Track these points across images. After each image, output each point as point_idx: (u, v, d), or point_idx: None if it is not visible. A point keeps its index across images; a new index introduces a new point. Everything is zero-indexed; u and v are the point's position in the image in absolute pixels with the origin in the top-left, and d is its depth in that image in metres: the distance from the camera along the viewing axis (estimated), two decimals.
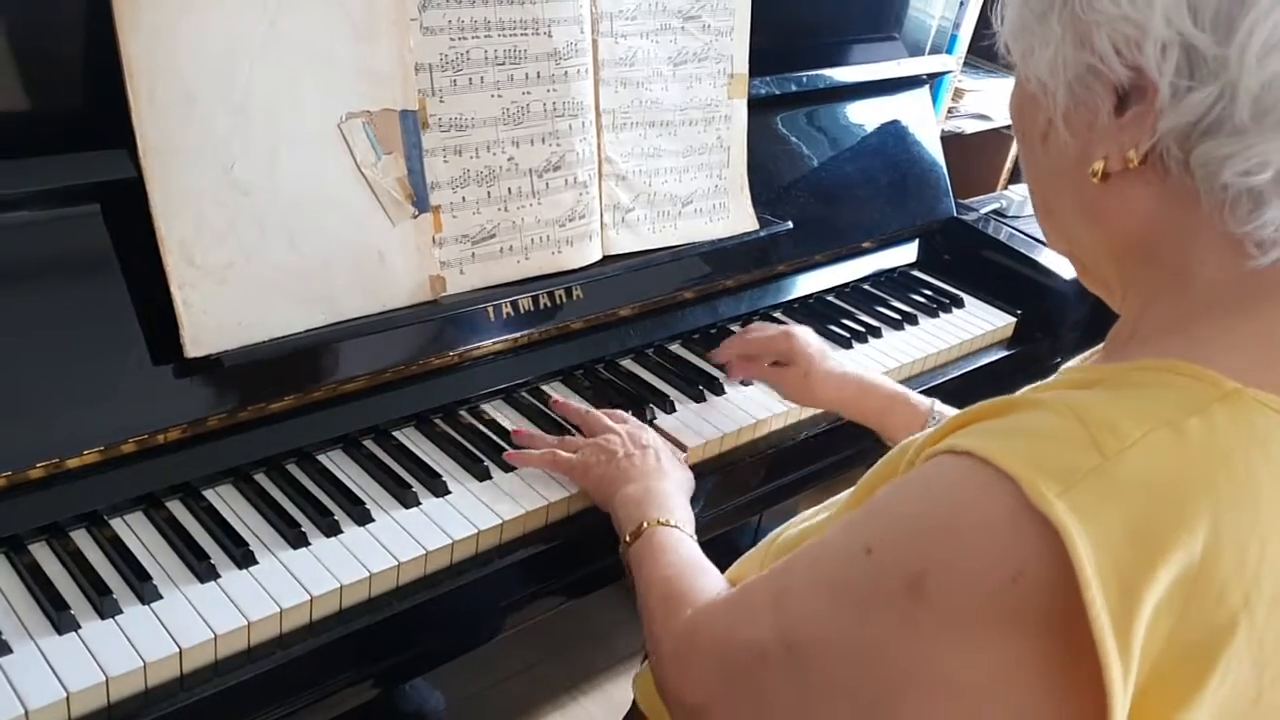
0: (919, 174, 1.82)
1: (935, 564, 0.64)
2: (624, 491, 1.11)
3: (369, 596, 1.03)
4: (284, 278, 1.10)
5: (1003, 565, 0.61)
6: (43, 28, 1.00)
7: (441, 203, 1.21)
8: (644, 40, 1.37)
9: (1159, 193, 0.70)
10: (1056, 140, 0.73)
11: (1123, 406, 0.64)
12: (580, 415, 1.26)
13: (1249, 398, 0.64)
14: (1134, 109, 0.68)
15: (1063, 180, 0.75)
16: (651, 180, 1.41)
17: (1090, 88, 0.69)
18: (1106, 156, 0.70)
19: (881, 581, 0.67)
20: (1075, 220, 0.76)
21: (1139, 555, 0.59)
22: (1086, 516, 0.59)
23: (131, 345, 1.03)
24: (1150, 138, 0.67)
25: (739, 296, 1.56)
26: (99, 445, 1.01)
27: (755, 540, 1.02)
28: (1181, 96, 0.64)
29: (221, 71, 1.04)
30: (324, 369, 1.15)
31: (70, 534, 1.00)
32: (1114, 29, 0.66)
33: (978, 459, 0.63)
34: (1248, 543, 0.61)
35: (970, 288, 1.77)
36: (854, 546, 0.70)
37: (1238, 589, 0.61)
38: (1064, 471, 0.60)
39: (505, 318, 1.29)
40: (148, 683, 0.90)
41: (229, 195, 1.06)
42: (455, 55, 1.19)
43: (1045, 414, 0.65)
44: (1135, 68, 0.66)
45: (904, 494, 0.71)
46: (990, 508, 0.62)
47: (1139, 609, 0.59)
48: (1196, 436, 0.62)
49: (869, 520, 0.72)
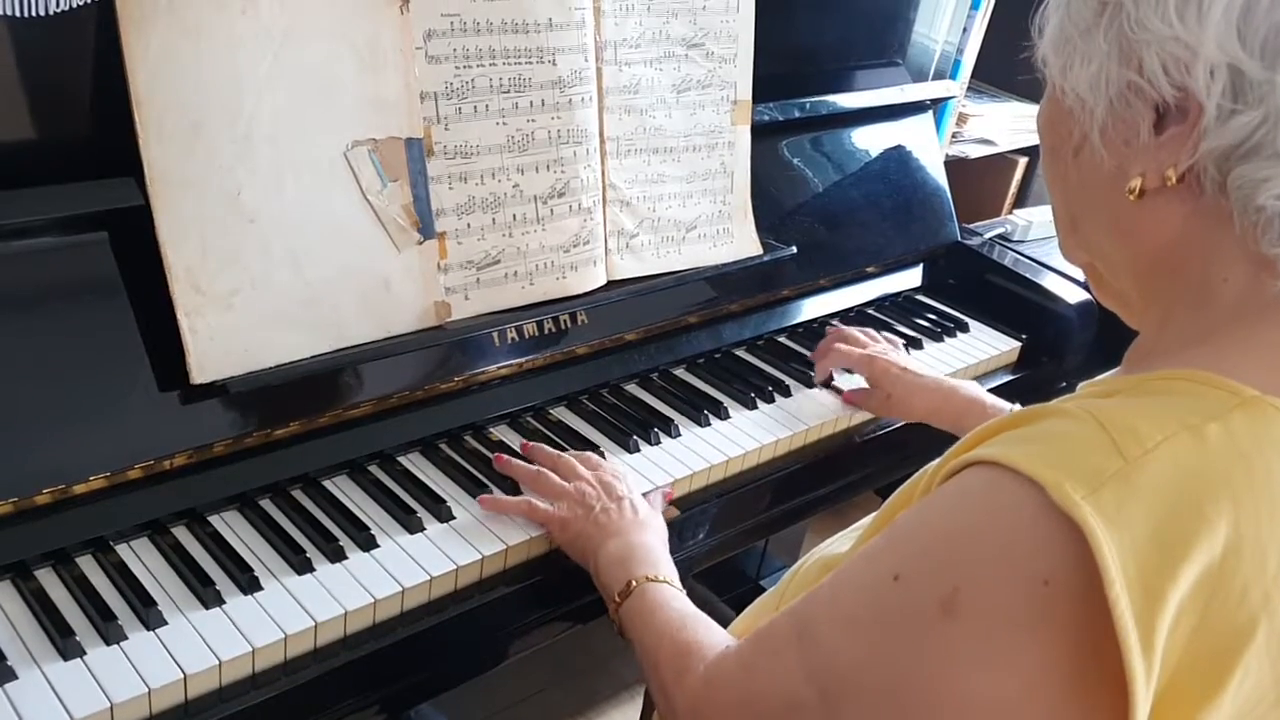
0: (923, 199, 1.83)
1: (966, 579, 0.64)
2: (605, 550, 1.08)
3: (373, 622, 1.03)
4: (290, 304, 1.10)
5: (1033, 570, 0.62)
6: (52, 58, 1.01)
7: (447, 229, 1.22)
8: (648, 68, 1.38)
9: (1191, 211, 0.70)
10: (1090, 155, 0.73)
11: (1143, 412, 0.65)
12: (552, 459, 1.21)
13: (1267, 404, 0.65)
14: (1173, 128, 0.68)
15: (1093, 195, 0.75)
16: (656, 206, 1.41)
17: (1131, 105, 0.69)
18: (1144, 174, 0.70)
19: (913, 607, 0.66)
20: (1102, 234, 0.76)
21: (1162, 556, 0.60)
22: (1111, 519, 0.60)
23: (138, 372, 1.04)
24: (1190, 157, 0.67)
25: (743, 321, 1.56)
26: (105, 471, 1.01)
27: (761, 566, 1.03)
28: (1226, 119, 0.65)
29: (228, 100, 1.05)
30: (329, 395, 1.15)
31: (76, 560, 1.01)
32: (1164, 49, 0.66)
33: (1002, 467, 0.64)
34: (1268, 544, 0.61)
35: (975, 312, 1.77)
36: (880, 575, 0.69)
37: (1258, 589, 0.61)
38: (1088, 474, 0.61)
39: (510, 343, 1.30)
40: (152, 709, 0.90)
41: (235, 223, 1.06)
42: (460, 83, 1.20)
43: (1066, 420, 0.66)
44: (1182, 88, 0.66)
45: (928, 514, 0.70)
46: (1016, 514, 0.63)
47: (1162, 609, 0.59)
48: (1216, 441, 0.63)
49: (893, 547, 0.71)
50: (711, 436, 1.36)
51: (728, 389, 1.45)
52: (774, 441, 1.37)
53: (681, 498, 1.28)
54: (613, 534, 1.10)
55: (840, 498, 1.45)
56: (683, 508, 1.27)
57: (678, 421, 1.36)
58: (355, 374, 1.17)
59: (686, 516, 1.26)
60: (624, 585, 1.03)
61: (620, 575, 1.05)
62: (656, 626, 0.96)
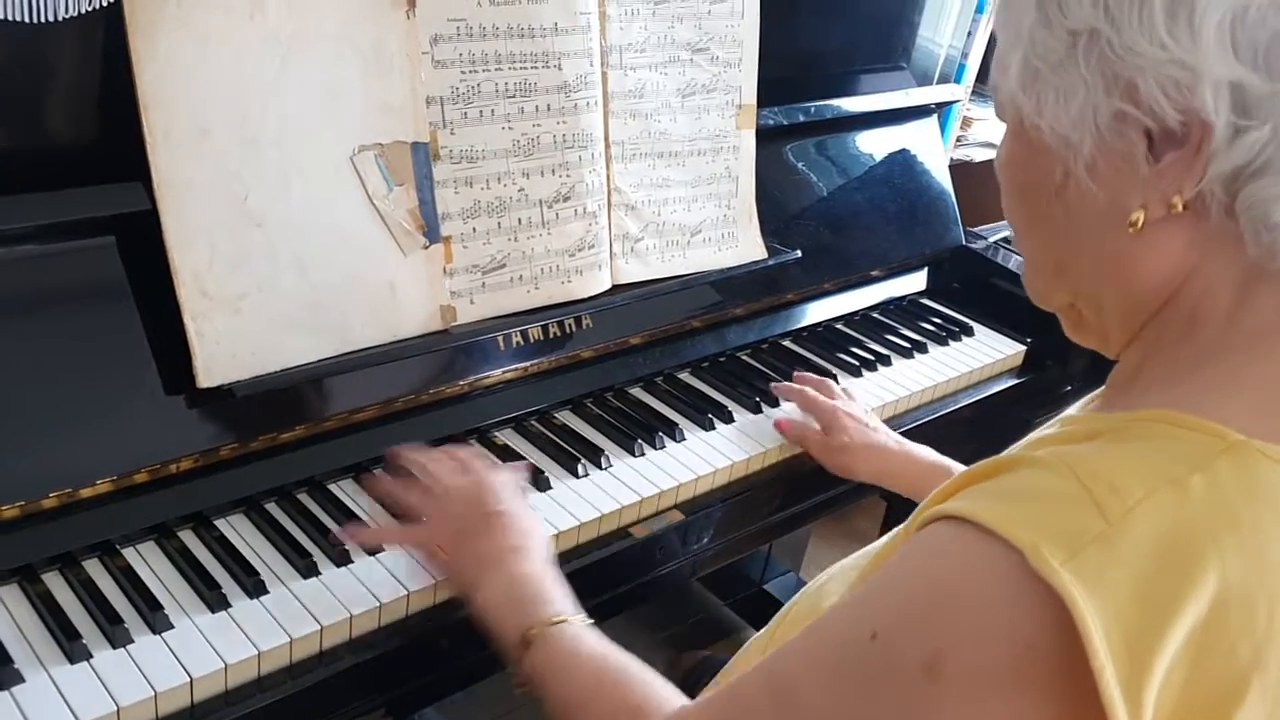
0: (928, 203, 1.83)
1: (949, 643, 0.61)
2: (483, 594, 0.97)
3: (379, 626, 1.03)
4: (296, 308, 1.11)
5: (1015, 635, 0.59)
6: (60, 62, 1.02)
7: (452, 233, 1.22)
8: (653, 72, 1.38)
9: (1195, 238, 0.67)
10: (1078, 192, 0.69)
11: (1124, 464, 0.62)
12: (420, 466, 1.10)
13: (1254, 450, 0.62)
14: (1172, 153, 0.65)
15: (1083, 233, 0.71)
16: (660, 210, 1.42)
17: (1122, 134, 0.66)
18: (1145, 205, 0.66)
19: (894, 668, 0.63)
20: (1093, 274, 0.73)
21: (1147, 621, 0.58)
22: (1092, 585, 0.58)
23: (144, 376, 1.04)
24: (1197, 182, 0.64)
25: (748, 325, 1.56)
26: (112, 475, 1.02)
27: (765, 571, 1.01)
28: (1234, 138, 0.62)
29: (235, 105, 1.06)
30: (335, 399, 1.16)
31: (83, 563, 1.01)
32: (1161, 72, 0.62)
33: (978, 527, 0.61)
34: (1256, 600, 0.59)
35: (980, 316, 1.77)
36: (857, 633, 0.66)
37: (1247, 645, 0.59)
38: (1067, 537, 0.59)
39: (515, 347, 1.30)
40: (159, 712, 0.91)
41: (242, 227, 1.07)
42: (466, 88, 1.20)
43: (1043, 473, 0.64)
44: (1185, 111, 0.63)
45: (902, 570, 0.68)
46: (995, 576, 0.60)
47: (1149, 674, 0.58)
48: (1200, 494, 0.60)
49: (869, 602, 0.68)
50: (716, 440, 1.36)
51: (732, 393, 1.45)
52: (778, 445, 1.37)
53: (686, 501, 1.28)
54: (486, 569, 0.99)
55: (844, 502, 1.46)
56: (687, 512, 1.27)
57: (682, 425, 1.36)
58: (361, 378, 1.17)
59: (691, 521, 1.26)
60: (519, 636, 0.93)
61: (512, 622, 0.94)
62: (577, 683, 0.88)
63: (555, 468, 1.25)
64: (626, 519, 1.23)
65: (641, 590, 1.24)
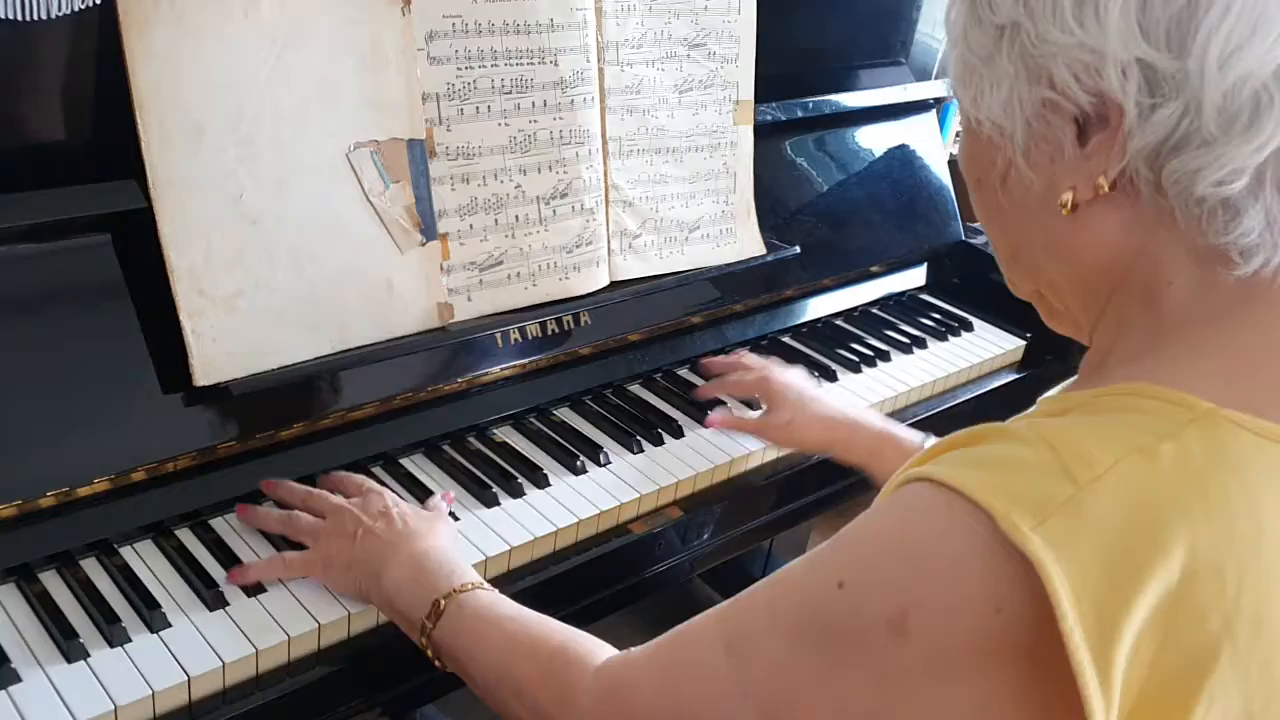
0: (927, 198, 1.82)
1: (916, 600, 0.62)
2: (387, 575, 0.96)
3: (377, 624, 1.03)
4: (293, 306, 1.10)
5: (984, 599, 0.60)
6: (54, 61, 1.01)
7: (449, 230, 1.22)
8: (650, 68, 1.38)
9: (1130, 217, 0.69)
10: (1019, 180, 0.72)
11: (1094, 433, 0.63)
12: (301, 498, 1.07)
13: (1222, 418, 0.63)
14: (1097, 136, 0.67)
15: (1028, 219, 0.74)
16: (658, 206, 1.41)
17: (1050, 122, 0.69)
18: (1074, 187, 0.69)
19: (860, 619, 0.64)
20: (1043, 258, 0.75)
21: (1116, 586, 0.58)
22: (1062, 550, 0.58)
23: (141, 374, 1.04)
24: (1119, 161, 0.66)
25: (747, 321, 1.56)
26: (109, 474, 1.01)
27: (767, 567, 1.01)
28: (1147, 116, 0.64)
29: (230, 103, 1.05)
30: (332, 397, 1.15)
31: (80, 562, 1.01)
32: (1070, 57, 0.66)
33: (951, 489, 0.62)
34: (1225, 568, 0.60)
35: (979, 311, 1.77)
36: (824, 581, 0.67)
37: (1217, 614, 0.60)
38: (1037, 503, 0.60)
39: (513, 344, 1.29)
40: (156, 710, 0.90)
41: (238, 225, 1.07)
42: (462, 85, 1.20)
43: (1016, 444, 0.65)
44: (1097, 93, 0.66)
45: (876, 525, 0.68)
46: (966, 539, 0.61)
47: (1118, 640, 0.58)
48: (1169, 462, 0.61)
49: (839, 552, 0.69)
50: (716, 437, 1.35)
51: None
52: None
53: (686, 498, 1.28)
54: (389, 556, 0.97)
55: (845, 497, 1.45)
56: (687, 509, 1.27)
57: (681, 422, 1.36)
58: (358, 376, 1.17)
59: (691, 517, 1.26)
60: (429, 607, 0.91)
61: (419, 596, 0.93)
62: (497, 645, 0.87)
63: (554, 465, 1.25)
64: (626, 516, 1.22)
65: (641, 587, 1.24)
